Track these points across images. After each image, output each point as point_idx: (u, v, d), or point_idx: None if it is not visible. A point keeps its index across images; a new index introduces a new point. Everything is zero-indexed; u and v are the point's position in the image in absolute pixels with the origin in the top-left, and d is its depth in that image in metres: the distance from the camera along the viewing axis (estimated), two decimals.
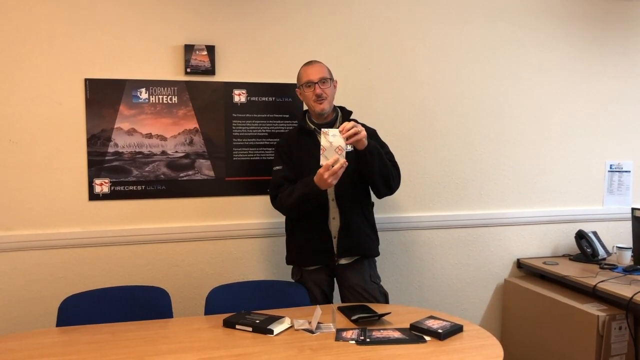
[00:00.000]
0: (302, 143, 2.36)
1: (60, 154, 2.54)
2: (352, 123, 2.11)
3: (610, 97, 3.32)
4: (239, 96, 2.73)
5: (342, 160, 2.08)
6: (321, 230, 2.33)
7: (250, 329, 1.97)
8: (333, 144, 2.07)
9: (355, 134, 2.08)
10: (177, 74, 2.65)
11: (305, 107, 2.46)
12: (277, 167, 2.38)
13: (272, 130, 2.78)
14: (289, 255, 2.48)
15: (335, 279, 2.47)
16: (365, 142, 2.16)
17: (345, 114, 2.41)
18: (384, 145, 2.44)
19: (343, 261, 2.37)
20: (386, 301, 2.44)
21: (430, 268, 3.10)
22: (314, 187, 2.16)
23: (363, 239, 2.39)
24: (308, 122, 2.39)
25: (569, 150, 3.28)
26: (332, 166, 2.07)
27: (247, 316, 2.06)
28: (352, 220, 2.34)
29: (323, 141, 2.07)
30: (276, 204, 2.37)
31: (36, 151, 2.51)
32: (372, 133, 2.43)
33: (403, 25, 2.94)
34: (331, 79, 2.33)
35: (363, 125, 2.43)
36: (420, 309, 2.24)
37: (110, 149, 2.59)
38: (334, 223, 2.34)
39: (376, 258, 2.49)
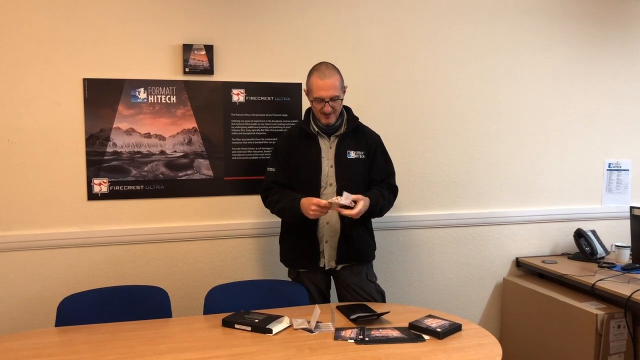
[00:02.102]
0: (303, 146, 2.34)
1: (59, 153, 2.54)
2: (357, 210, 2.12)
3: (608, 97, 3.33)
4: (238, 96, 2.73)
5: (332, 205, 2.15)
6: (309, 235, 2.32)
7: (249, 328, 1.97)
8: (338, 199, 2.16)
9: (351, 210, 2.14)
10: (175, 74, 2.65)
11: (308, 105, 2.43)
12: (271, 169, 2.38)
13: (271, 130, 2.78)
14: (281, 255, 2.49)
15: (331, 277, 2.47)
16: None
17: (351, 119, 2.37)
18: (388, 162, 2.44)
19: (339, 267, 2.37)
20: (383, 299, 2.44)
21: (429, 267, 3.10)
22: (297, 207, 2.19)
23: (363, 246, 2.39)
24: (312, 123, 2.35)
25: (568, 149, 3.28)
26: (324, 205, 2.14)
27: (246, 315, 2.06)
28: (353, 228, 2.33)
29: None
30: (266, 204, 2.40)
31: (35, 151, 2.51)
32: (376, 139, 2.42)
33: (402, 25, 2.94)
34: (343, 91, 2.28)
35: (368, 128, 2.44)
36: (419, 308, 2.24)
37: (109, 149, 2.58)
38: (328, 227, 2.32)
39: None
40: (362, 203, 2.15)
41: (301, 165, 2.33)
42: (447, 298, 3.15)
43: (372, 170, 2.37)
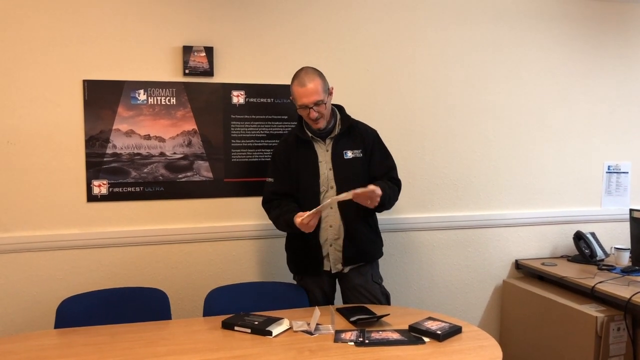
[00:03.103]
0: (300, 152, 2.33)
1: (59, 155, 2.53)
2: (372, 187, 2.12)
3: (608, 99, 3.33)
4: (238, 97, 2.73)
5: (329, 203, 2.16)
6: (312, 240, 2.31)
7: (249, 330, 1.96)
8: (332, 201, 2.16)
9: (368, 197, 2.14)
10: (175, 75, 2.65)
11: None
12: (270, 180, 2.37)
13: (271, 132, 2.78)
14: (287, 261, 2.49)
15: (337, 279, 2.46)
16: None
17: (344, 119, 2.36)
18: (387, 157, 2.42)
19: (346, 269, 2.36)
20: (387, 302, 2.43)
21: (429, 269, 3.10)
22: (294, 226, 2.19)
23: (368, 247, 2.39)
24: (306, 129, 2.34)
25: (567, 151, 3.28)
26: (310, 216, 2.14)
27: (245, 318, 2.06)
28: (357, 229, 2.32)
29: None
30: (270, 218, 2.39)
31: (34, 153, 2.51)
32: (372, 135, 2.41)
33: (401, 27, 2.95)
34: (327, 93, 2.24)
35: (364, 125, 2.43)
36: (419, 310, 2.24)
37: (109, 151, 2.58)
38: (331, 231, 2.31)
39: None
40: (373, 186, 2.14)
41: (300, 172, 2.32)
42: (447, 300, 3.15)
43: (371, 167, 2.35)
